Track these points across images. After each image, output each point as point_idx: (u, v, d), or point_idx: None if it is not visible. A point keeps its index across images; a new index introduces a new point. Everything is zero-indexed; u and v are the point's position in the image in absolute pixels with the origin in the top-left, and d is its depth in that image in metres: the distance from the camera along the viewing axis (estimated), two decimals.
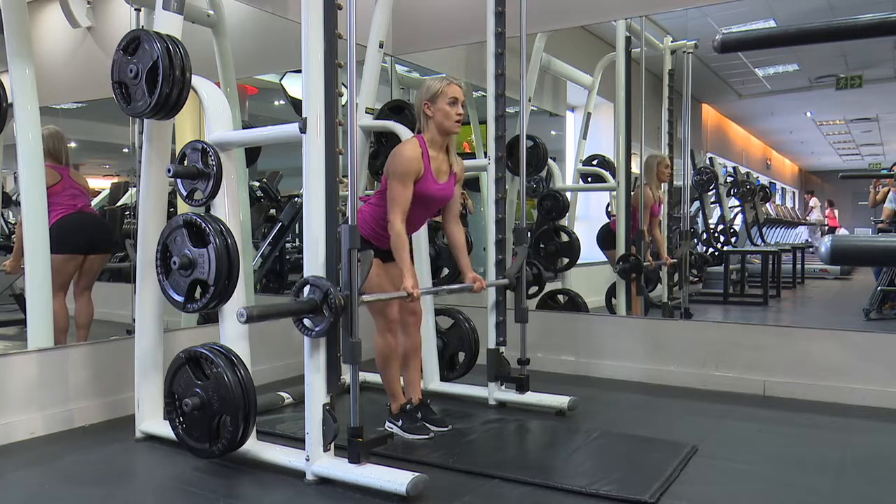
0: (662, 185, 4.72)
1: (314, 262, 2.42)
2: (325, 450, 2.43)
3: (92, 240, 3.64)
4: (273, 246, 4.76)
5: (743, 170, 6.12)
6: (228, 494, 2.36)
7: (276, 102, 5.11)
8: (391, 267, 2.90)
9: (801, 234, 6.53)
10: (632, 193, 4.63)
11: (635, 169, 4.68)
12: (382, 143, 4.04)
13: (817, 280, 6.09)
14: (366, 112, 3.81)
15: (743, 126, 6.50)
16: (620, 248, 4.59)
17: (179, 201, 3.36)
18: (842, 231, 6.07)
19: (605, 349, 4.22)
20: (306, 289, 2.38)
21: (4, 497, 2.35)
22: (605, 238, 4.95)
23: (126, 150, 3.80)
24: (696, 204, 5.54)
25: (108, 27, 3.95)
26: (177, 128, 3.32)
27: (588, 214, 5.42)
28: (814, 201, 6.65)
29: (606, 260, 4.92)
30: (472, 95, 5.20)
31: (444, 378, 3.74)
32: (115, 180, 4.66)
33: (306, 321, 2.38)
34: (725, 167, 5.91)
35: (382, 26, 3.85)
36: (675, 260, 4.68)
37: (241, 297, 2.65)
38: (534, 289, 4.35)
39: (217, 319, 2.68)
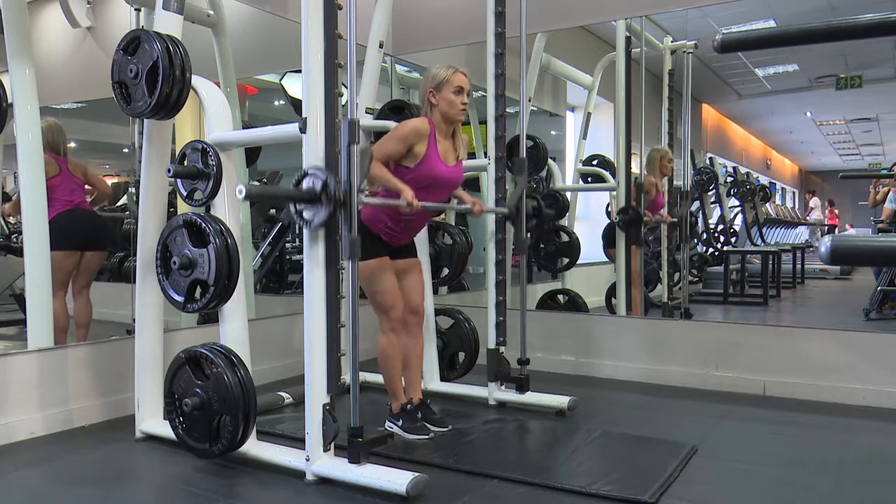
0: (664, 178, 4.73)
1: (314, 155, 2.39)
2: (325, 450, 2.43)
3: (89, 236, 3.65)
4: (273, 246, 4.76)
5: (743, 170, 6.12)
6: (228, 494, 2.36)
7: (276, 102, 5.11)
8: (399, 264, 2.92)
9: (801, 234, 6.54)
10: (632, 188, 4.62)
11: (635, 169, 4.68)
12: None
13: (817, 280, 6.09)
14: (366, 112, 3.81)
15: (743, 126, 6.51)
16: (621, 248, 4.58)
17: (179, 201, 3.36)
18: (851, 230, 6.05)
19: (605, 349, 4.22)
20: (305, 179, 2.36)
21: (4, 497, 2.35)
22: (609, 237, 4.94)
23: (126, 150, 3.80)
24: (696, 204, 5.54)
25: (108, 27, 3.95)
26: (177, 128, 3.32)
27: (588, 214, 5.42)
28: (814, 201, 6.65)
29: (607, 259, 4.92)
30: (472, 95, 5.21)
31: (444, 378, 3.74)
32: (115, 180, 4.65)
33: (305, 213, 2.36)
34: (725, 167, 5.91)
35: (382, 26, 3.84)
36: (674, 219, 4.67)
37: (241, 297, 2.65)
38: (533, 221, 4.32)
39: (217, 319, 2.68)
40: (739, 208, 5.89)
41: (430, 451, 2.74)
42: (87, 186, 3.77)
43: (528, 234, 3.40)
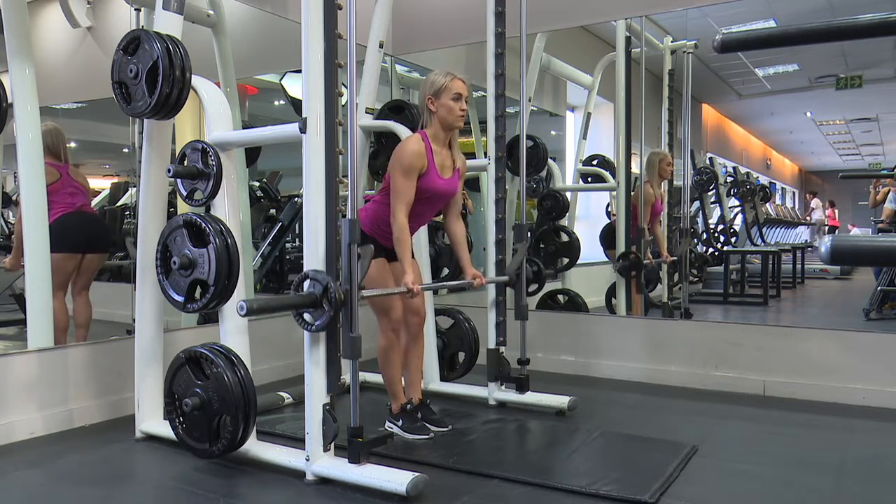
0: (664, 182, 4.72)
1: (314, 256, 2.41)
2: (325, 450, 2.43)
3: (90, 239, 3.65)
4: (273, 246, 4.76)
5: (743, 170, 6.12)
6: (228, 494, 2.36)
7: (276, 102, 5.11)
8: (396, 266, 2.91)
9: (801, 235, 6.53)
10: (632, 193, 4.63)
11: (635, 169, 4.68)
12: (382, 143, 4.04)
13: (817, 280, 6.09)
14: (366, 112, 3.81)
15: (743, 126, 6.50)
16: (620, 247, 4.58)
17: (179, 201, 3.36)
18: (855, 230, 6.04)
19: (605, 349, 4.22)
20: (306, 283, 2.38)
21: (4, 497, 2.35)
22: (608, 237, 4.95)
23: (126, 150, 3.80)
24: (696, 204, 5.54)
25: (108, 27, 3.94)
26: (177, 128, 3.32)
27: (588, 214, 5.42)
28: (815, 202, 6.65)
29: (607, 259, 4.92)
30: (472, 95, 5.21)
31: (444, 378, 3.74)
32: (115, 180, 4.66)
33: (306, 315, 2.38)
34: (725, 167, 5.90)
35: (382, 26, 3.84)
36: (675, 258, 4.68)
37: (241, 296, 2.65)
38: (533, 286, 4.35)
39: (217, 319, 2.68)
40: (739, 208, 5.88)
41: (430, 451, 2.74)
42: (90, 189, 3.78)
43: (527, 306, 3.42)
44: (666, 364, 4.00)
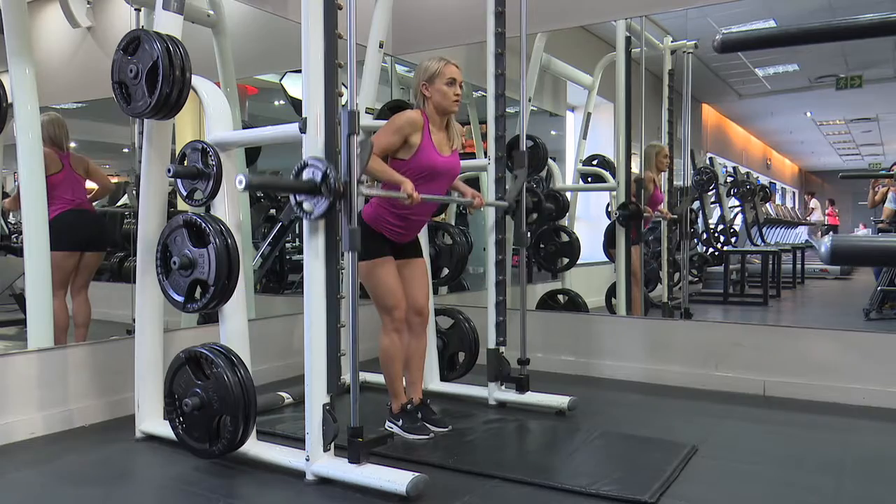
0: (661, 174, 4.74)
1: (313, 147, 2.39)
2: (325, 450, 2.43)
3: (89, 236, 3.65)
4: (273, 246, 4.76)
5: (743, 170, 6.12)
6: (228, 494, 2.36)
7: (276, 102, 5.11)
8: (402, 265, 2.92)
9: (801, 235, 6.53)
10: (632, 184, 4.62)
11: (635, 169, 4.68)
12: None
13: (817, 280, 6.09)
14: (366, 112, 3.81)
15: (743, 126, 6.50)
16: (621, 248, 4.57)
17: (179, 201, 3.36)
18: (861, 231, 6.04)
19: (605, 349, 4.21)
20: (305, 170, 2.36)
21: (4, 497, 2.35)
22: (612, 236, 4.94)
23: (126, 150, 3.80)
24: (696, 204, 5.54)
25: (108, 27, 3.94)
26: (177, 128, 3.32)
27: (588, 214, 5.42)
28: (814, 202, 6.65)
29: (607, 259, 4.91)
30: (472, 95, 5.21)
31: (444, 378, 3.74)
32: (115, 180, 4.65)
33: (305, 204, 2.36)
34: (725, 167, 5.90)
35: (382, 26, 3.84)
36: (675, 216, 4.67)
37: (241, 297, 2.65)
38: (533, 216, 4.32)
39: (217, 319, 2.68)
40: (739, 208, 5.89)
41: (430, 451, 2.74)
42: (88, 183, 3.78)
43: (528, 233, 3.39)
44: (666, 364, 4.00)
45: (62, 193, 3.51)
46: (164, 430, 2.77)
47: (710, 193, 5.63)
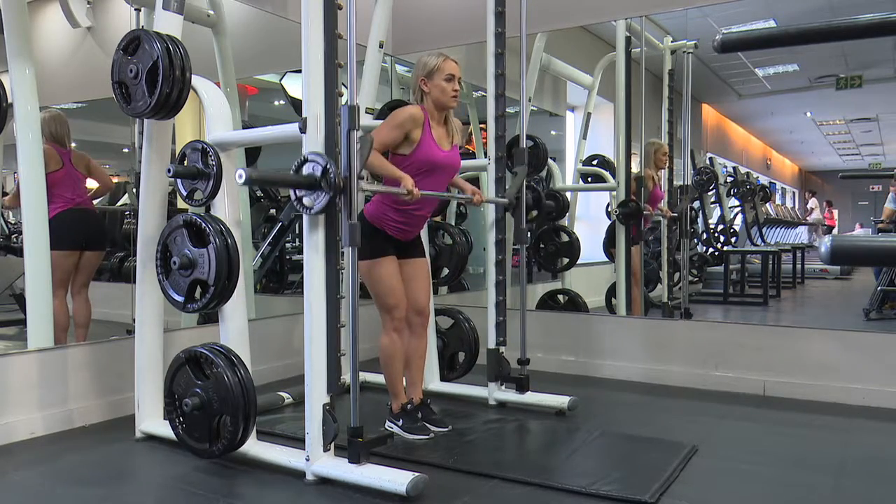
0: (660, 171, 4.74)
1: (313, 143, 2.39)
2: (325, 450, 2.43)
3: (89, 235, 3.65)
4: (273, 246, 4.76)
5: (743, 170, 6.12)
6: (228, 494, 2.36)
7: (276, 102, 5.11)
8: (404, 264, 2.92)
9: (801, 235, 6.54)
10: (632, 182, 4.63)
11: (635, 169, 4.68)
12: None
13: (817, 280, 6.09)
14: (366, 112, 3.81)
15: (743, 126, 6.50)
16: (621, 248, 4.57)
17: (179, 201, 3.36)
18: (861, 231, 6.03)
19: (605, 349, 4.22)
20: (305, 166, 2.36)
21: (4, 497, 2.35)
22: (613, 236, 4.94)
23: (126, 150, 3.80)
24: (697, 204, 5.54)
25: (108, 27, 3.95)
26: (177, 128, 3.32)
27: (588, 214, 5.42)
28: (813, 202, 6.65)
29: (607, 259, 4.91)
30: (472, 95, 5.21)
31: (444, 378, 3.74)
32: (116, 180, 4.65)
33: (305, 199, 2.36)
34: (725, 167, 5.90)
35: (382, 26, 3.85)
36: (674, 214, 4.67)
37: (241, 297, 2.65)
38: (533, 213, 4.32)
39: (217, 319, 2.68)
40: (739, 208, 5.89)
41: (430, 451, 2.74)
42: (88, 180, 3.78)
43: (528, 231, 3.39)
44: (666, 364, 4.00)
45: (62, 191, 3.51)
46: (165, 430, 2.77)
47: (710, 193, 5.63)
